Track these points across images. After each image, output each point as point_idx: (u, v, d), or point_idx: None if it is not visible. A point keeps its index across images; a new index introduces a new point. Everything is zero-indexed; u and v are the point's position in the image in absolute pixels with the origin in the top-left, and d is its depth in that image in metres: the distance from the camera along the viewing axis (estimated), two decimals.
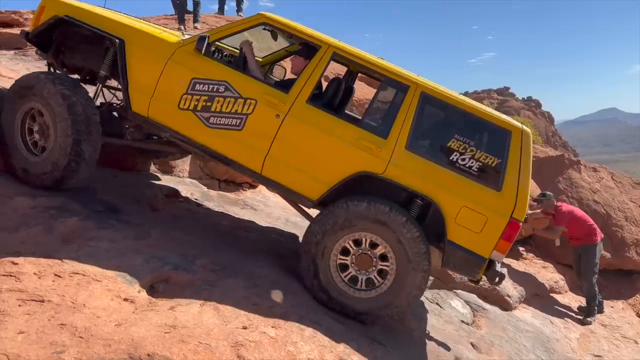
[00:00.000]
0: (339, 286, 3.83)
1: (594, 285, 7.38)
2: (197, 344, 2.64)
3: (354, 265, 3.84)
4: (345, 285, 3.83)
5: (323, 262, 3.83)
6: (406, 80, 3.97)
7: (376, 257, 3.80)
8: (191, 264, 3.58)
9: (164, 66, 4.05)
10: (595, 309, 7.44)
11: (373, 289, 3.82)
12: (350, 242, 3.82)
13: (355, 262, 3.83)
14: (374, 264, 3.81)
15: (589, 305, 7.46)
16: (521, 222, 3.75)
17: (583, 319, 7.35)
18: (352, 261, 3.84)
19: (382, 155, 3.83)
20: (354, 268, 3.84)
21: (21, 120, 4.18)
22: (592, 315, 7.40)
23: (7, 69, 6.23)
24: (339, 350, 3.12)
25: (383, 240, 3.74)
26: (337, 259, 3.84)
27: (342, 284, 3.83)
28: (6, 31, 9.89)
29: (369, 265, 3.82)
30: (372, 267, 3.82)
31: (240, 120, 3.95)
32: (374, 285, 3.83)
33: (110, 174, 5.23)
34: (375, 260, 3.81)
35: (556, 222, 7.43)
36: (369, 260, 3.81)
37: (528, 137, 3.86)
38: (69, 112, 3.92)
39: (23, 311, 2.65)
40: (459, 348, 4.50)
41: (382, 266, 3.81)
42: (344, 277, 3.84)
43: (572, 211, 7.50)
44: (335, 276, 3.83)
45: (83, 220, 3.69)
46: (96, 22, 4.21)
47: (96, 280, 3.04)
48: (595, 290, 7.40)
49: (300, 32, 4.15)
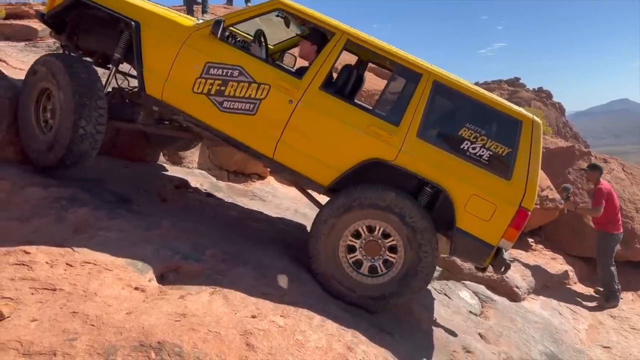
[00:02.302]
0: (342, 267, 3.84)
1: (609, 272, 7.47)
2: (207, 332, 2.66)
3: (361, 250, 3.85)
4: (349, 267, 3.85)
5: (331, 239, 3.84)
6: (419, 69, 3.97)
7: (385, 247, 3.82)
8: (201, 254, 3.61)
9: (179, 50, 4.07)
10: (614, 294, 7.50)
11: (377, 276, 3.84)
12: (364, 227, 3.83)
13: (363, 248, 3.85)
14: (381, 253, 3.83)
15: (607, 291, 7.54)
16: (529, 211, 3.75)
17: (600, 302, 7.46)
18: (361, 246, 3.85)
19: (393, 143, 3.84)
20: (362, 253, 3.85)
21: (35, 99, 4.22)
22: (612, 300, 7.47)
23: (18, 61, 6.26)
24: (346, 339, 3.14)
25: (393, 230, 3.75)
26: (347, 240, 3.86)
27: (346, 264, 3.85)
28: (17, 23, 9.94)
29: (376, 253, 3.83)
30: (379, 255, 3.83)
31: (253, 105, 3.97)
32: (377, 273, 3.85)
33: (120, 164, 5.27)
34: (383, 249, 3.82)
35: (595, 201, 7.48)
36: (378, 247, 3.82)
37: (538, 128, 3.85)
38: (72, 87, 3.91)
39: (36, 299, 2.68)
40: (466, 338, 4.51)
41: (389, 256, 3.82)
42: (349, 259, 3.85)
43: (610, 194, 7.54)
44: (341, 256, 3.85)
45: (94, 210, 3.72)
46: (112, 4, 4.23)
47: (107, 269, 3.07)
48: (610, 277, 7.48)
49: (315, 18, 4.15)
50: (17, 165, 4.23)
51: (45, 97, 4.21)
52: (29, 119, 4.24)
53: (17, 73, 5.31)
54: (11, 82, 4.53)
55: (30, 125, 4.22)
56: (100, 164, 4.81)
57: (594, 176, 7.67)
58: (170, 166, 6.15)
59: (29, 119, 4.23)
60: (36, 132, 4.20)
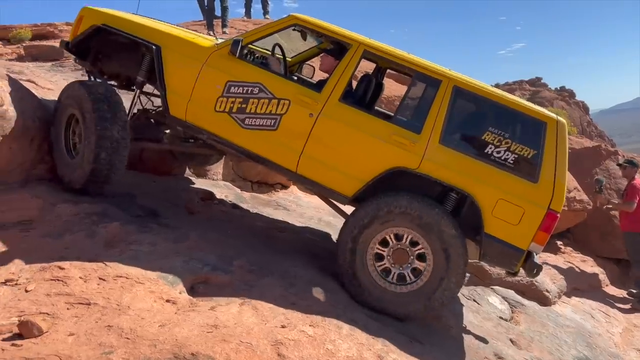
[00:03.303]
0: (371, 275, 3.84)
1: None
2: (239, 342, 2.69)
3: (389, 257, 3.84)
4: (377, 275, 3.84)
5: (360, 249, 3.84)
6: (438, 75, 3.96)
7: (413, 255, 3.81)
8: (229, 265, 3.65)
9: (200, 70, 4.14)
10: None
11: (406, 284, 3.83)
12: (391, 235, 3.83)
13: (391, 255, 3.84)
14: (409, 261, 3.82)
15: None
16: (559, 213, 3.70)
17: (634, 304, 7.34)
18: (389, 254, 3.84)
19: (415, 150, 3.83)
20: (389, 261, 3.84)
21: (65, 123, 4.35)
22: None
23: (46, 80, 6.43)
24: (377, 347, 3.13)
25: (422, 238, 3.74)
26: (374, 249, 3.85)
27: (374, 273, 3.84)
28: (43, 43, 10.24)
29: (404, 261, 3.82)
30: (407, 263, 3.82)
31: (274, 120, 4.01)
32: (405, 281, 3.83)
33: (148, 179, 5.37)
34: (412, 258, 3.81)
35: (629, 196, 7.39)
36: (406, 256, 3.81)
37: (563, 128, 3.81)
38: (94, 116, 4.01)
39: (71, 314, 2.75)
40: (497, 344, 4.45)
41: (417, 265, 3.81)
42: (378, 267, 3.85)
43: None
44: (369, 265, 3.85)
45: (124, 225, 3.80)
46: (132, 29, 4.34)
47: (139, 282, 3.13)
48: None
49: (330, 31, 4.18)
50: (48, 182, 4.34)
51: (74, 121, 4.34)
52: (59, 142, 4.38)
53: (46, 93, 5.47)
54: (41, 103, 4.66)
55: (60, 148, 4.36)
56: (128, 179, 4.91)
57: (631, 172, 7.56)
58: (195, 179, 6.23)
59: (59, 142, 4.37)
60: (65, 155, 4.33)
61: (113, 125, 4.06)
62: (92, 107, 4.04)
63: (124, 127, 4.15)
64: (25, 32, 11.22)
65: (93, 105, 4.05)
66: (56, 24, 12.09)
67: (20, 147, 4.16)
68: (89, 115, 4.04)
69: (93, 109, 4.04)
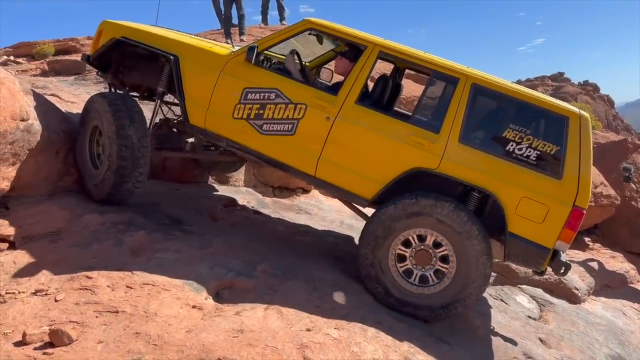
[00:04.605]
0: (393, 276, 3.82)
1: None
2: (265, 347, 2.71)
3: (412, 258, 3.83)
4: (399, 276, 3.82)
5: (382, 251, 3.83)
6: (455, 73, 3.92)
7: (436, 257, 3.78)
8: (253, 270, 3.67)
9: (217, 78, 4.19)
10: None
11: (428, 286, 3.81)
12: (414, 236, 3.80)
13: (414, 256, 3.82)
14: (432, 263, 3.79)
15: None
16: (584, 210, 3.63)
17: None
18: (411, 254, 3.82)
19: (435, 150, 3.80)
20: (412, 262, 3.83)
21: (89, 135, 4.46)
22: None
23: (69, 94, 6.58)
24: (403, 349, 3.12)
25: (445, 238, 3.71)
26: (397, 249, 3.83)
27: (396, 274, 3.83)
28: (65, 58, 10.47)
29: (427, 263, 3.80)
30: (430, 265, 3.80)
31: (292, 125, 4.03)
32: (427, 282, 3.81)
33: (172, 187, 5.45)
34: (435, 259, 3.78)
35: None
36: (429, 257, 3.79)
37: (587, 122, 3.73)
38: (115, 128, 4.11)
39: (100, 322, 2.81)
40: (526, 344, 4.38)
41: (440, 266, 3.79)
42: (400, 268, 3.83)
43: None
44: (391, 265, 3.83)
45: (150, 233, 3.86)
46: (151, 40, 4.41)
47: (165, 289, 3.17)
48: None
49: (345, 33, 4.18)
50: (75, 194, 4.44)
51: (98, 133, 4.43)
52: (84, 153, 4.48)
53: (70, 106, 5.59)
54: (65, 116, 4.76)
55: (85, 160, 4.46)
56: (152, 188, 4.99)
57: None
58: (218, 186, 6.30)
59: (84, 154, 4.48)
60: (89, 166, 4.42)
61: (133, 134, 4.14)
62: (113, 117, 4.13)
63: (145, 135, 4.23)
64: (49, 48, 11.49)
65: (113, 115, 4.14)
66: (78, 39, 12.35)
67: (46, 159, 4.26)
68: (110, 126, 4.13)
69: (113, 119, 4.13)
